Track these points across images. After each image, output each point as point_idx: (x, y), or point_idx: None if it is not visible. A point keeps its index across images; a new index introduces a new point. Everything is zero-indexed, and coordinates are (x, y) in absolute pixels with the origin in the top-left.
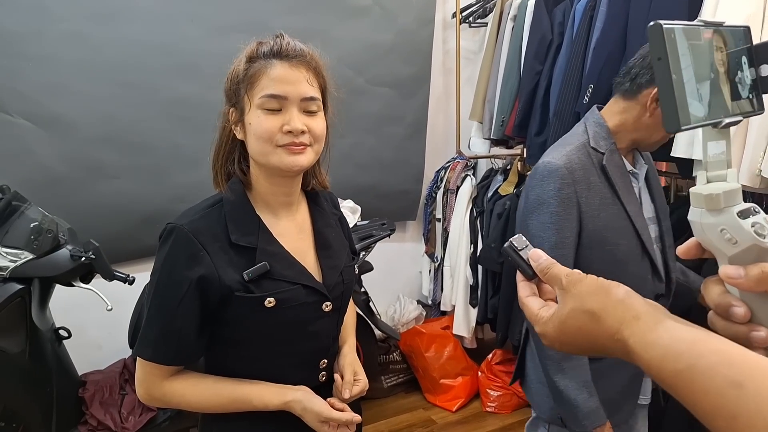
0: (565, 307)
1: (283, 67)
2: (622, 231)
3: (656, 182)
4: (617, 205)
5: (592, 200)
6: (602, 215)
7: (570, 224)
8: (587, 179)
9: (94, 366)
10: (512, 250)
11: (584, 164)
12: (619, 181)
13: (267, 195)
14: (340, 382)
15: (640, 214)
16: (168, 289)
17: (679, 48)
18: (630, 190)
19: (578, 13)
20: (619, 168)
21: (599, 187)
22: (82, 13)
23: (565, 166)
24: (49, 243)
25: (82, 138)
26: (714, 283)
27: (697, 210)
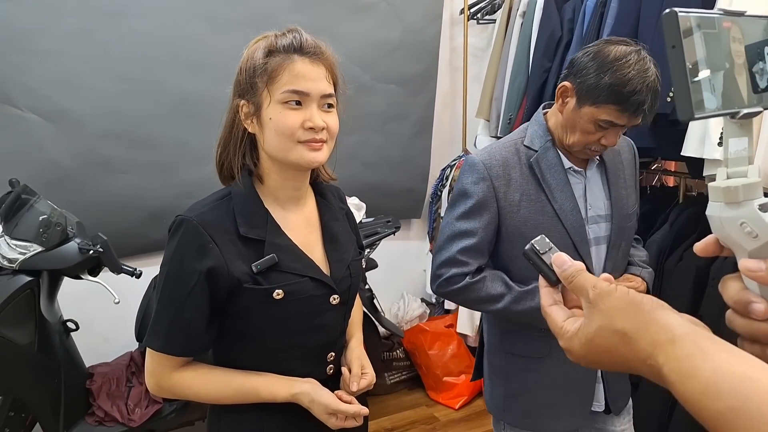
0: (592, 323)
1: (304, 63)
2: (544, 228)
3: (620, 180)
4: (542, 201)
5: (512, 196)
6: (522, 211)
7: (482, 216)
8: (507, 175)
9: (101, 358)
10: (533, 253)
11: (506, 161)
12: (550, 179)
13: (277, 189)
14: (347, 375)
15: (574, 212)
16: (177, 280)
17: (694, 36)
18: (563, 187)
19: (588, 9)
20: (552, 166)
21: (521, 183)
22: (90, 9)
23: (482, 161)
24: (58, 236)
25: (90, 133)
26: (732, 280)
27: (716, 204)
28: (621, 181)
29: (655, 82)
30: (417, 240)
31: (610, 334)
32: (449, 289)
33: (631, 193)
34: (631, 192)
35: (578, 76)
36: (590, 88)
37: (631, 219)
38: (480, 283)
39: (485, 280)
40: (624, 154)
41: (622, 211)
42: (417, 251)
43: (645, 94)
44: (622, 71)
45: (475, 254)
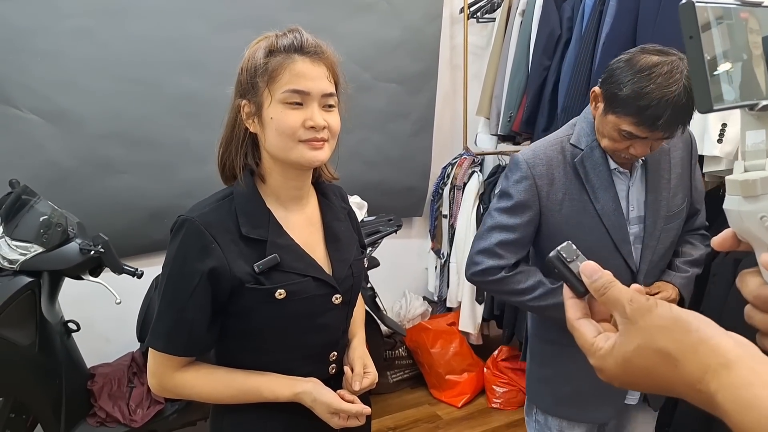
0: (629, 341)
1: (305, 63)
2: (585, 227)
3: (662, 180)
4: (584, 201)
5: (555, 195)
6: (564, 210)
7: (524, 214)
8: (550, 174)
9: (102, 359)
10: (559, 261)
11: (550, 159)
12: (594, 179)
13: (279, 188)
14: (350, 374)
15: (616, 212)
16: (180, 280)
17: (711, 26)
18: (606, 187)
19: (588, 8)
20: (597, 165)
21: (564, 182)
22: (90, 9)
23: (526, 160)
24: (59, 237)
25: (90, 133)
26: (751, 275)
27: (734, 198)
28: (663, 182)
29: (679, 96)
30: (418, 238)
31: (651, 354)
32: (484, 279)
33: (678, 192)
34: (678, 191)
35: (607, 83)
36: (613, 96)
37: (674, 219)
38: (514, 278)
39: (519, 275)
40: (677, 150)
41: (659, 212)
42: (419, 249)
43: (662, 108)
44: (642, 83)
45: (513, 249)
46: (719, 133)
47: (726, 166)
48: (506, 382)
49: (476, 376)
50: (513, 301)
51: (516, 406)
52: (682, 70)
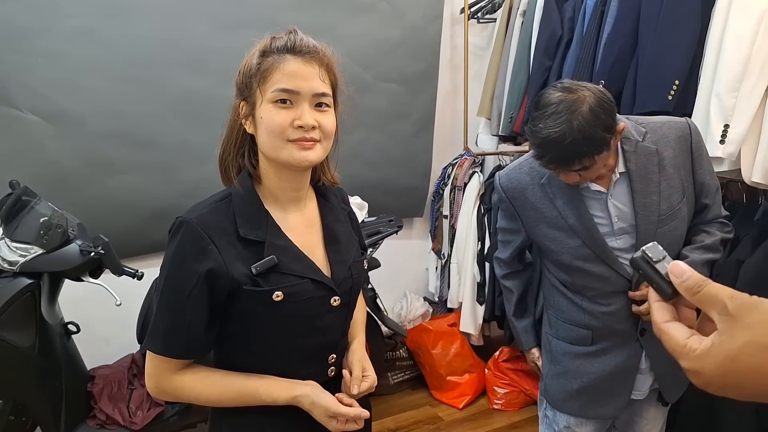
0: (734, 339)
1: (296, 63)
2: (560, 242)
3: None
4: (556, 218)
5: (528, 213)
6: (540, 226)
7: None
8: (522, 196)
9: (102, 361)
10: (645, 262)
11: (521, 182)
12: (560, 198)
13: (276, 189)
14: (348, 377)
15: (588, 227)
16: (177, 282)
17: None
18: (575, 205)
19: (589, 8)
20: (562, 184)
21: (534, 203)
22: (91, 9)
23: (501, 184)
24: (59, 238)
25: (91, 133)
26: None
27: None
28: (652, 185)
29: (563, 136)
30: (419, 239)
31: (761, 351)
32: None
33: (672, 192)
34: (672, 192)
35: None
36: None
37: (669, 221)
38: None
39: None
40: (668, 150)
41: (650, 218)
42: (419, 250)
43: (545, 148)
44: (535, 122)
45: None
46: (722, 134)
47: (728, 167)
48: (507, 383)
49: (477, 377)
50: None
51: (517, 407)
52: (577, 109)
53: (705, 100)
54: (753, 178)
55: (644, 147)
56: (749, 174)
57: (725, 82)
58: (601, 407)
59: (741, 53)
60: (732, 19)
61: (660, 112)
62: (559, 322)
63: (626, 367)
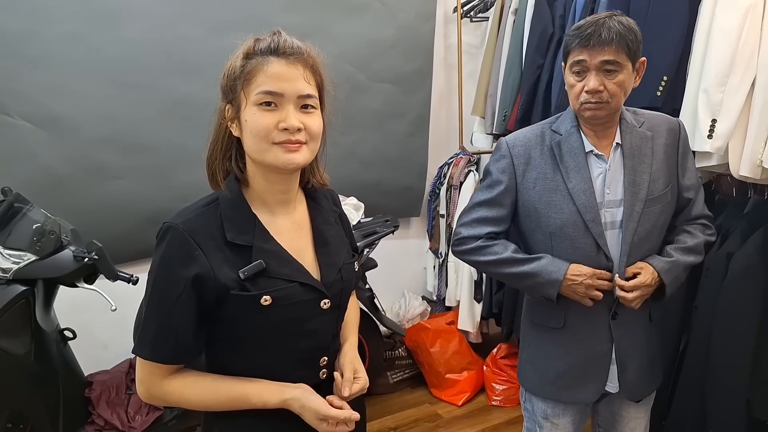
0: None
1: (280, 64)
2: (556, 205)
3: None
4: (557, 180)
5: (529, 173)
6: (537, 188)
7: (500, 189)
8: (527, 154)
9: (100, 366)
10: None
11: (528, 141)
12: (569, 160)
13: (264, 193)
14: (339, 380)
15: (587, 192)
16: (164, 288)
17: None
18: (580, 168)
19: (579, 6)
20: (573, 148)
21: (539, 162)
22: (81, 13)
23: (506, 141)
24: (52, 244)
25: (83, 139)
26: None
27: None
28: (644, 166)
29: (605, 19)
30: (416, 238)
31: None
32: (460, 248)
33: (660, 176)
34: (660, 176)
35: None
36: (563, 49)
37: (655, 203)
38: (492, 248)
39: (497, 246)
40: (660, 138)
41: (638, 195)
42: (417, 249)
43: (590, 26)
44: (576, 24)
45: (490, 222)
46: (709, 129)
47: (717, 161)
48: (506, 380)
49: (476, 375)
50: (492, 272)
51: (516, 404)
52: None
53: (693, 96)
54: (741, 172)
55: (640, 131)
56: (737, 168)
57: (712, 77)
58: (577, 392)
59: (727, 48)
60: (718, 14)
61: (650, 107)
62: (536, 305)
63: (600, 351)
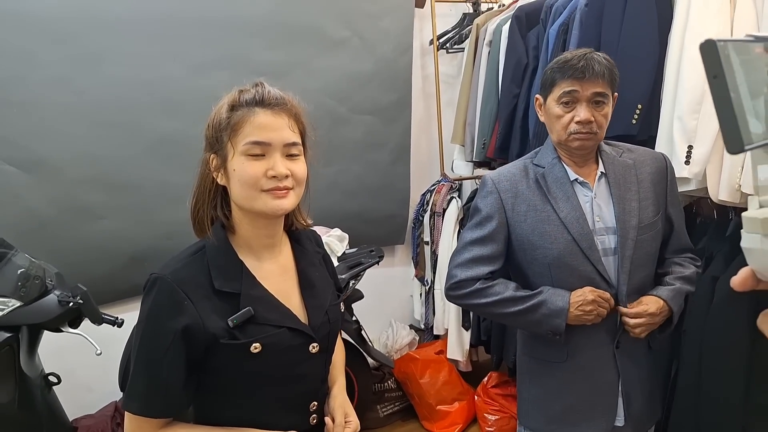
0: None
1: (266, 115)
2: (550, 236)
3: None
4: (548, 211)
5: (519, 207)
6: (529, 220)
7: (493, 225)
8: (514, 188)
9: (85, 409)
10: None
11: (513, 176)
12: (556, 190)
13: (250, 238)
14: (331, 425)
15: (580, 220)
16: (153, 340)
17: (733, 64)
18: (568, 197)
19: (551, 37)
20: (558, 179)
21: (527, 195)
22: (65, 57)
23: (491, 178)
24: (37, 289)
25: (67, 180)
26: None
27: (754, 236)
28: (631, 193)
29: (590, 52)
30: (402, 266)
31: None
32: (459, 292)
33: (649, 204)
34: (649, 204)
35: (540, 85)
36: (544, 82)
37: (647, 231)
38: (491, 289)
39: (497, 286)
40: (645, 167)
41: (630, 222)
42: (402, 277)
43: (581, 59)
44: (560, 56)
45: (486, 261)
46: (686, 155)
47: (696, 186)
48: (498, 410)
49: (467, 405)
50: (494, 314)
51: None
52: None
53: (668, 123)
54: (720, 197)
55: (621, 161)
56: (716, 192)
57: (686, 105)
58: (585, 428)
59: (699, 76)
60: (687, 44)
61: (625, 135)
62: (535, 340)
63: (606, 383)
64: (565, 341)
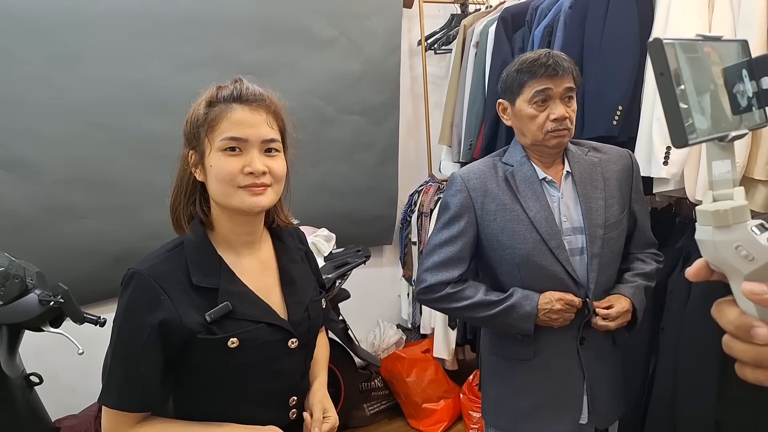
0: None
1: (244, 111)
2: (520, 235)
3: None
4: (517, 210)
5: (489, 205)
6: (498, 219)
7: (460, 224)
8: (483, 186)
9: (68, 410)
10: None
11: (483, 174)
12: (525, 189)
13: (229, 235)
14: (309, 420)
15: (548, 219)
16: (130, 335)
17: (679, 62)
18: (538, 196)
19: (536, 38)
20: (527, 177)
21: (497, 194)
22: (45, 55)
23: (461, 176)
24: (17, 288)
25: (49, 180)
26: (727, 305)
27: (706, 228)
28: (598, 192)
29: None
30: (390, 266)
31: None
32: (430, 297)
33: (614, 203)
34: (614, 202)
35: (502, 90)
36: (511, 82)
37: (613, 229)
38: (462, 292)
39: (468, 290)
40: (610, 164)
41: (597, 221)
42: (390, 277)
43: (547, 56)
44: (523, 58)
45: (456, 263)
46: (664, 156)
47: (674, 186)
48: None
49: (453, 403)
50: (465, 317)
51: None
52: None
53: (648, 124)
54: (697, 197)
55: (587, 159)
56: (693, 192)
57: None
58: (553, 425)
59: None
60: None
61: (606, 136)
62: (502, 338)
63: (572, 378)
64: (534, 339)
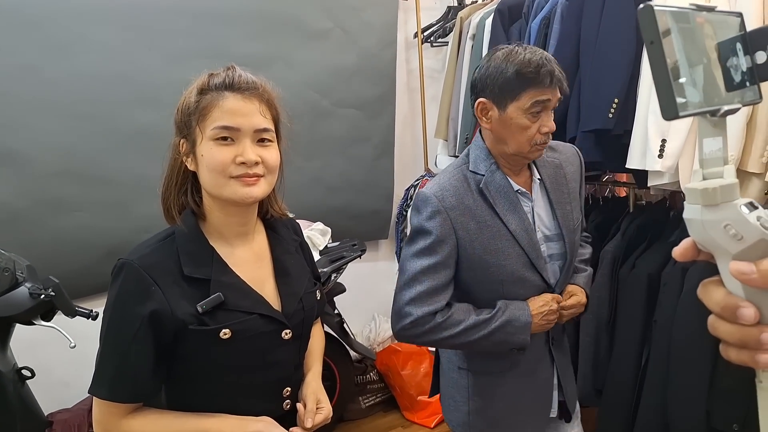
0: None
1: (236, 99)
2: (504, 252)
3: (564, 195)
4: (498, 225)
5: (469, 224)
6: (481, 238)
7: (443, 250)
8: (461, 204)
9: (61, 404)
10: None
11: (457, 189)
12: (501, 201)
13: (221, 226)
14: (302, 411)
15: (528, 231)
16: (120, 326)
17: (671, 31)
18: (515, 209)
19: (533, 31)
20: (501, 188)
21: (476, 210)
22: (34, 46)
23: (435, 194)
24: (7, 282)
25: (39, 173)
26: (714, 285)
27: (694, 207)
28: (565, 197)
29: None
30: (385, 260)
31: None
32: (417, 331)
33: (576, 205)
34: (576, 204)
35: (486, 88)
36: (503, 87)
37: (578, 231)
38: (450, 319)
39: (455, 315)
40: (570, 166)
41: (571, 226)
42: (386, 271)
43: (549, 64)
44: (519, 57)
45: (440, 292)
46: (660, 149)
47: (669, 179)
48: None
49: None
50: (456, 344)
51: None
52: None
53: (643, 117)
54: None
55: (550, 161)
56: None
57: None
58: (523, 427)
59: None
60: None
61: (602, 129)
62: (474, 354)
63: (543, 379)
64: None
